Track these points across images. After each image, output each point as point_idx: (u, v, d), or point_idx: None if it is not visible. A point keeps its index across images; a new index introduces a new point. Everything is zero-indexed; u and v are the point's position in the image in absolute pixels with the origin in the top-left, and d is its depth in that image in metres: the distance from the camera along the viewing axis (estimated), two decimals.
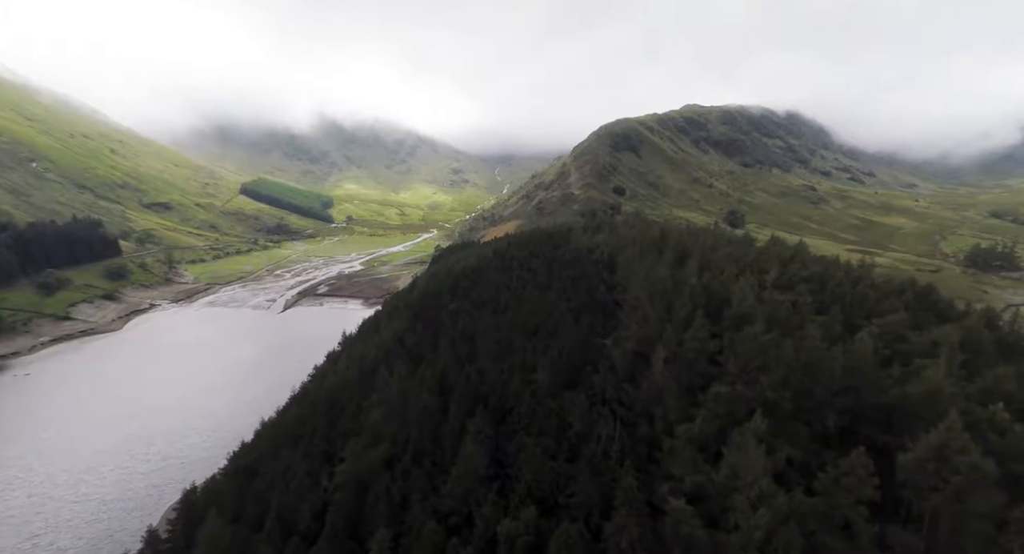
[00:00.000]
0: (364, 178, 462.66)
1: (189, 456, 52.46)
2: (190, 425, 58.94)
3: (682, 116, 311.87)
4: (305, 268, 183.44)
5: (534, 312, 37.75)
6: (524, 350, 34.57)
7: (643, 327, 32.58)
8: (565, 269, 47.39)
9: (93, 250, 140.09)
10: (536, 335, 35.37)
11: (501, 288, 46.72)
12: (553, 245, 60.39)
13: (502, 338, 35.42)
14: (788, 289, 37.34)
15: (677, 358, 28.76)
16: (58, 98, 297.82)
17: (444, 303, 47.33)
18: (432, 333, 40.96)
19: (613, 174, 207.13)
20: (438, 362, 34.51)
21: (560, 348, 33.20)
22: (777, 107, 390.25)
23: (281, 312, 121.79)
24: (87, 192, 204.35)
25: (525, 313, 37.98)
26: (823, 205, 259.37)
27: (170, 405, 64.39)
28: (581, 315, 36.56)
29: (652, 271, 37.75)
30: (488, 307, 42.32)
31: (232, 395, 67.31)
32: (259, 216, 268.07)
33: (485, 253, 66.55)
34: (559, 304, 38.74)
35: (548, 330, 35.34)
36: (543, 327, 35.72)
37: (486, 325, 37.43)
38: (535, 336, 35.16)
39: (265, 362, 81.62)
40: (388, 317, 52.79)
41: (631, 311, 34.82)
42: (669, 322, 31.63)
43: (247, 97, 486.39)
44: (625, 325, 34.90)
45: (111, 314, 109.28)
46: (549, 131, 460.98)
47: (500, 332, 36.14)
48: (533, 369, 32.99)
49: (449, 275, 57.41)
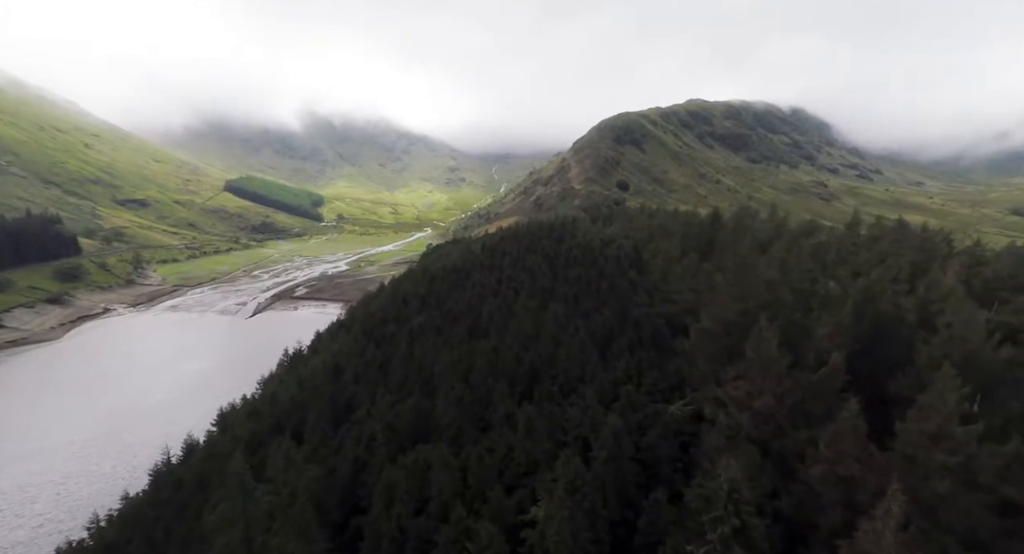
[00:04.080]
0: (358, 176, 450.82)
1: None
2: (83, 480, 45.39)
3: (686, 110, 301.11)
4: (286, 268, 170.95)
5: (530, 337, 25.37)
6: (504, 427, 21.59)
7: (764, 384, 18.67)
8: (573, 268, 35.13)
9: (46, 249, 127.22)
10: (535, 383, 22.67)
11: (485, 294, 34.37)
12: (555, 238, 48.04)
13: (477, 383, 23.11)
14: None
15: None
16: (30, 90, 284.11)
17: (410, 314, 35.11)
18: (382, 362, 28.63)
19: (616, 168, 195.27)
20: (349, 449, 21.72)
21: (580, 424, 20.68)
22: (781, 102, 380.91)
23: (249, 317, 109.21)
24: (54, 187, 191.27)
25: (515, 337, 25.57)
26: (834, 202, 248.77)
27: (71, 444, 51.50)
28: (611, 344, 23.94)
29: (745, 275, 21.80)
30: (463, 322, 30.07)
31: (160, 427, 54.62)
32: (243, 214, 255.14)
33: (472, 249, 54.25)
34: (570, 323, 26.06)
35: (554, 376, 22.93)
36: (544, 365, 23.22)
37: (452, 359, 24.96)
38: (534, 382, 22.68)
39: (214, 380, 69.01)
40: (337, 333, 40.52)
41: (745, 362, 19.42)
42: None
43: (238, 94, 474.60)
44: (714, 379, 20.88)
45: (52, 320, 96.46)
46: (548, 129, 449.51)
47: (475, 374, 23.47)
48: (530, 469, 19.98)
49: (424, 276, 45.12)
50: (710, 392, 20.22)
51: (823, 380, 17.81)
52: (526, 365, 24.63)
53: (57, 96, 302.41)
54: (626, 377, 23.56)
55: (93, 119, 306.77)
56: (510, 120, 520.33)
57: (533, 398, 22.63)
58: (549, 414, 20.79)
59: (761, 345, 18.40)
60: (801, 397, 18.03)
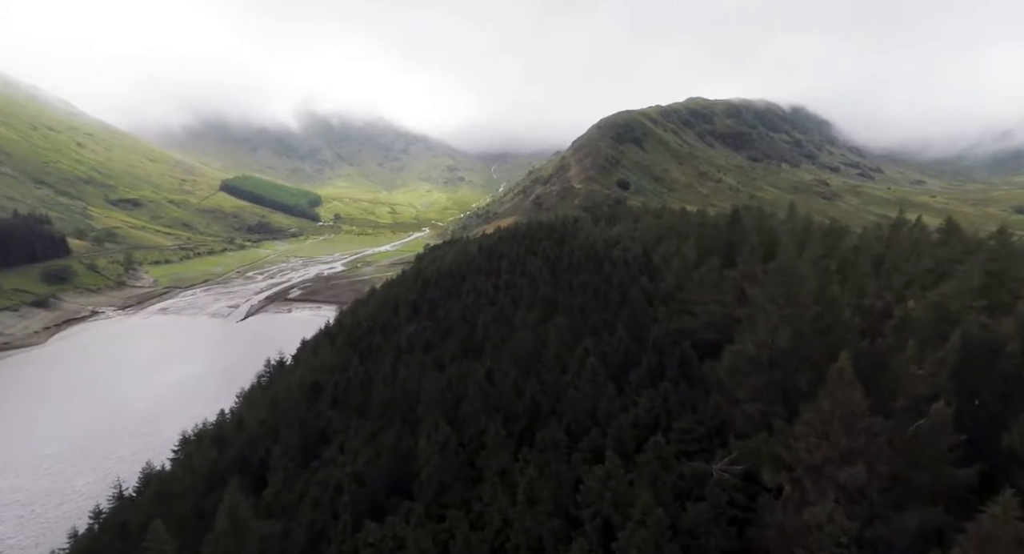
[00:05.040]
0: (356, 176, 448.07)
1: None
2: (52, 500, 42.11)
3: (686, 108, 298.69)
4: (281, 269, 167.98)
5: (531, 357, 22.22)
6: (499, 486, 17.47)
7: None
8: (577, 273, 32.18)
9: (34, 250, 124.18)
10: (536, 420, 19.07)
11: (481, 302, 31.43)
12: (556, 240, 45.14)
13: (468, 416, 19.79)
14: None
15: None
16: (22, 89, 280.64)
17: (400, 323, 32.24)
18: (364, 381, 25.55)
19: (616, 167, 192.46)
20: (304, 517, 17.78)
21: (599, 498, 16.01)
22: (781, 101, 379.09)
23: (241, 320, 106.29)
24: (45, 187, 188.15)
25: (513, 358, 22.25)
26: (837, 201, 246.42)
27: (43, 458, 48.52)
28: (627, 371, 20.09)
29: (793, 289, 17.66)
30: (456, 334, 27.06)
31: (139, 440, 51.74)
32: (239, 214, 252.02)
33: (468, 251, 51.32)
34: (577, 344, 22.54)
35: (560, 415, 19.08)
36: (547, 397, 19.37)
37: (440, 386, 21.67)
38: (535, 418, 18.91)
39: (200, 387, 66.16)
40: (321, 343, 37.58)
41: (819, 413, 14.91)
42: None
43: (236, 93, 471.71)
44: (765, 426, 16.79)
45: (36, 324, 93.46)
46: (547, 128, 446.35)
47: (466, 404, 19.92)
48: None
49: (417, 280, 42.23)
50: (765, 446, 16.10)
51: (927, 438, 13.92)
52: (526, 398, 20.73)
53: (50, 95, 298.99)
54: (651, 420, 19.22)
55: (87, 118, 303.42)
56: (509, 119, 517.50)
57: (535, 442, 18.81)
58: (556, 476, 17.03)
59: (843, 392, 14.20)
60: (902, 464, 13.96)
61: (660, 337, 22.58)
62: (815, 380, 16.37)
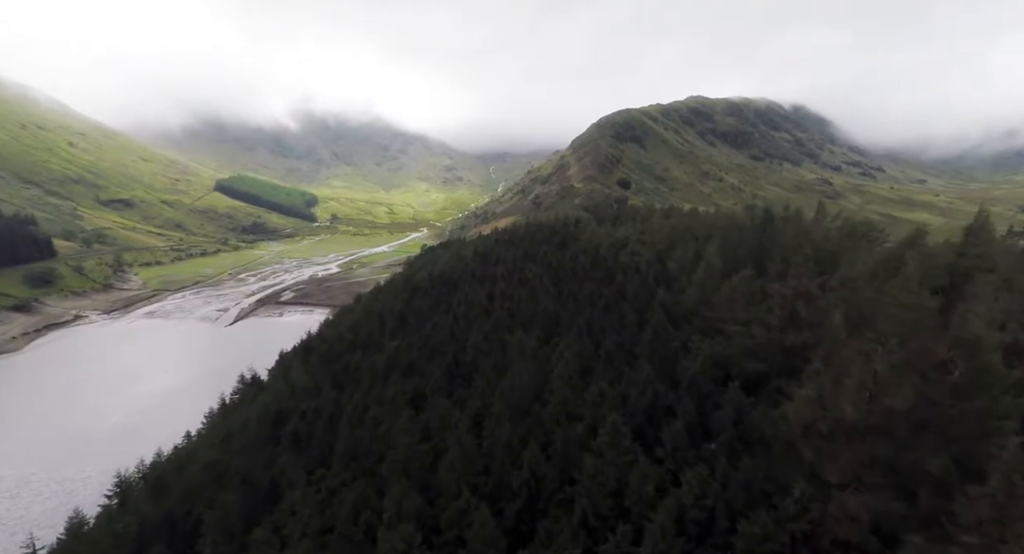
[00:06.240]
0: (354, 176, 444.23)
1: None
2: (4, 529, 38.60)
3: (687, 107, 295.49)
4: (274, 271, 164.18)
5: (531, 397, 17.92)
6: None
7: None
8: (582, 282, 28.46)
9: (17, 252, 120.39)
10: (537, 501, 14.14)
11: (473, 316, 27.72)
12: (557, 242, 41.52)
13: (445, 490, 14.63)
14: None
15: None
16: (12, 88, 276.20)
17: (383, 339, 28.64)
18: (332, 414, 21.74)
19: (617, 166, 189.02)
20: None
21: None
22: (782, 99, 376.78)
23: (230, 325, 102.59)
24: (34, 187, 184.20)
25: (507, 400, 17.80)
26: (840, 200, 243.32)
27: (1, 481, 44.96)
28: (656, 425, 14.24)
29: (913, 321, 12.56)
30: (442, 356, 23.31)
31: (108, 459, 48.00)
32: (233, 214, 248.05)
33: (462, 254, 47.66)
34: (589, 384, 17.84)
35: (570, 501, 12.25)
36: (553, 469, 13.29)
37: (413, 440, 17.43)
38: (536, 498, 12.79)
39: (179, 398, 62.42)
40: (296, 359, 33.96)
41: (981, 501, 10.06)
42: None
43: (233, 92, 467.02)
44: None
45: (14, 329, 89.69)
46: (547, 127, 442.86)
47: (444, 472, 14.34)
48: None
49: (406, 287, 38.60)
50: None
51: None
52: (524, 473, 14.81)
53: (41, 94, 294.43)
54: (704, 515, 12.63)
55: (79, 118, 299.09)
56: (508, 118, 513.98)
57: (535, 536, 13.25)
58: None
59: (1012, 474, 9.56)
60: None
61: (696, 373, 17.49)
62: (952, 464, 11.15)
